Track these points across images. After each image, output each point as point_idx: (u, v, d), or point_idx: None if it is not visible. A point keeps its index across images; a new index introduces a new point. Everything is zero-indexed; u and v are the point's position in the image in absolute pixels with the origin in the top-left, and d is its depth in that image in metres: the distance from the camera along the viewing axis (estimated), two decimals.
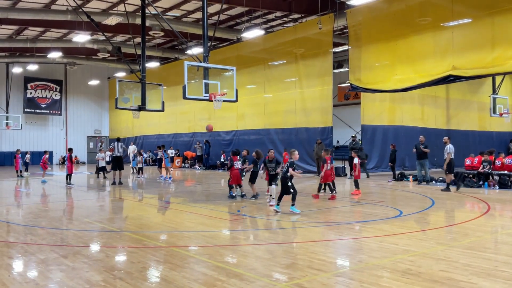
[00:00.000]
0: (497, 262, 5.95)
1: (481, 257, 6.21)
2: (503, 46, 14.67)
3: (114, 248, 7.04)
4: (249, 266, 5.90)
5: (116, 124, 39.49)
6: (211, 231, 8.49)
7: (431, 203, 11.97)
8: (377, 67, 19.10)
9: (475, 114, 26.00)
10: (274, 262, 6.07)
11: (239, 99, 15.63)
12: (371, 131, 22.12)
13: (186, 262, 6.15)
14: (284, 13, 23.53)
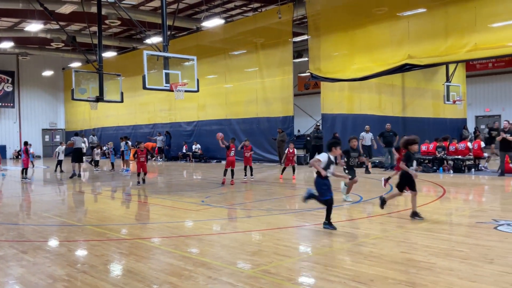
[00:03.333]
0: (453, 243, 6.24)
1: (439, 238, 6.48)
2: (456, 36, 15.21)
3: (76, 242, 6.88)
4: (216, 255, 5.92)
5: (72, 116, 38.33)
6: (175, 222, 8.44)
7: (390, 188, 12.34)
8: (336, 57, 19.40)
9: (430, 102, 26.87)
10: (240, 250, 6.12)
11: (200, 89, 15.52)
12: (331, 120, 22.50)
13: (152, 253, 6.10)
14: (243, 2, 23.44)
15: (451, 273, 4.90)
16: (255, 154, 23.67)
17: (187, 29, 26.48)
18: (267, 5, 22.78)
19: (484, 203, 10.25)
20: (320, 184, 7.21)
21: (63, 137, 36.60)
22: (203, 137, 26.57)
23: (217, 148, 25.51)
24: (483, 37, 14.65)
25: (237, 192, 12.53)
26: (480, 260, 5.34)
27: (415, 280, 4.71)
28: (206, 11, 23.16)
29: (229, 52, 24.89)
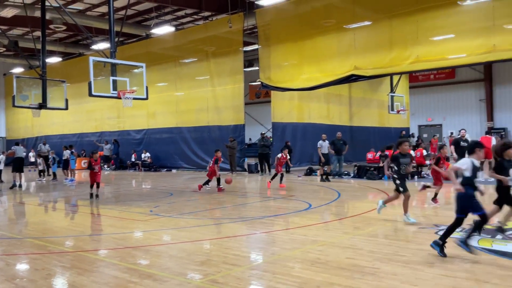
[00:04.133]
0: (397, 248, 6.44)
1: (383, 244, 6.68)
2: (399, 48, 15.86)
3: (15, 256, 6.53)
4: (163, 266, 5.80)
5: (13, 124, 36.53)
6: (121, 233, 8.21)
7: (337, 195, 12.63)
8: (286, 66, 19.70)
9: (375, 111, 27.82)
10: (188, 260, 6.03)
11: (150, 97, 15.27)
12: (281, 128, 22.77)
13: (95, 266, 5.90)
14: (194, 11, 23.37)
15: (394, 277, 5.06)
16: (206, 162, 23.56)
17: (137, 36, 26.04)
18: (218, 14, 22.83)
19: (426, 209, 10.67)
20: (467, 198, 5.79)
21: (4, 146, 34.80)
22: (153, 145, 26.11)
23: (168, 156, 25.32)
24: (425, 50, 15.37)
25: (187, 201, 12.38)
26: (421, 264, 5.54)
27: (360, 285, 4.82)
28: (156, 18, 22.89)
29: (180, 60, 24.68)
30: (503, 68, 29.91)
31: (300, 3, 18.52)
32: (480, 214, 5.75)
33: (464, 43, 14.71)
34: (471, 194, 5.79)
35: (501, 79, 30.27)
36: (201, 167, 23.50)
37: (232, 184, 16.00)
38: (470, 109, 31.40)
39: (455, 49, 14.98)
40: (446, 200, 12.11)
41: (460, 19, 15.02)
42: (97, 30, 23.49)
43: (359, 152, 23.63)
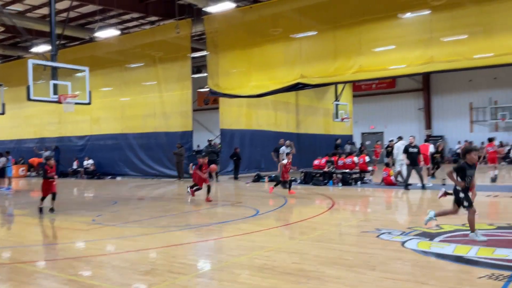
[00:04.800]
0: (341, 252, 6.60)
1: (328, 248, 6.82)
2: (343, 58, 16.34)
3: None
4: (105, 276, 5.62)
5: None
6: (62, 243, 7.88)
7: (284, 201, 12.78)
8: (234, 73, 19.77)
9: (321, 119, 28.47)
10: (132, 270, 5.88)
11: (94, 102, 14.83)
12: (229, 135, 22.77)
13: (33, 278, 5.61)
14: (140, 15, 22.97)
15: (338, 280, 5.18)
16: (152, 169, 23.14)
17: (80, 39, 25.22)
18: (165, 19, 22.57)
19: (368, 213, 11.02)
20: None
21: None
22: (97, 152, 25.29)
23: (112, 163, 24.59)
24: (367, 60, 15.92)
25: (131, 209, 12.08)
26: (364, 267, 5.71)
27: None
28: (100, 21, 22.29)
29: (126, 64, 24.15)
30: (440, 79, 31.59)
31: (247, 11, 18.69)
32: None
33: (404, 54, 15.38)
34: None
35: (438, 89, 31.94)
36: (148, 174, 23.04)
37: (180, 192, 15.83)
38: (409, 118, 32.87)
39: (396, 60, 15.63)
40: (387, 205, 12.58)
41: (400, 31, 15.71)
42: (37, 33, 22.53)
43: (305, 158, 24.05)
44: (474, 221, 6.99)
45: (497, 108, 29.35)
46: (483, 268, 5.46)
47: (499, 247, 6.49)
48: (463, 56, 14.05)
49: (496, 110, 29.34)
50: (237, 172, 21.09)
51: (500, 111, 29.19)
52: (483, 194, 12.88)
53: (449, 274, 5.37)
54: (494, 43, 13.52)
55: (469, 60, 14.09)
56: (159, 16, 22.60)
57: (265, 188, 17.00)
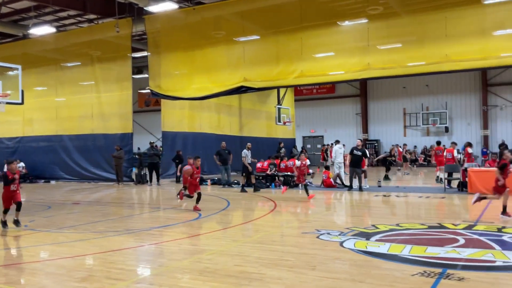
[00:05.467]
0: (282, 253, 6.68)
1: (270, 250, 6.89)
2: (285, 62, 16.62)
3: None
4: (39, 284, 5.34)
5: None
6: None
7: (227, 204, 12.77)
8: (177, 75, 19.53)
9: (264, 122, 28.75)
10: (68, 277, 5.63)
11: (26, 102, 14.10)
12: (171, 138, 22.44)
13: None
14: (78, 12, 22.10)
15: (279, 281, 5.24)
16: (90, 173, 22.31)
17: (13, 36, 23.87)
18: (105, 17, 21.86)
19: (309, 215, 11.26)
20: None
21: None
22: (29, 154, 24.01)
23: (46, 166, 23.44)
24: (308, 65, 16.30)
25: (67, 214, 11.57)
26: (304, 267, 5.82)
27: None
28: (35, 18, 21.23)
29: (62, 63, 23.16)
30: (376, 85, 32.95)
31: (190, 12, 18.52)
32: None
33: (343, 61, 15.90)
34: None
35: (375, 95, 33.29)
36: (85, 178, 22.19)
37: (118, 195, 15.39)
38: (348, 122, 34.00)
39: (335, 66, 16.12)
40: (326, 207, 12.92)
41: (339, 38, 16.23)
42: None
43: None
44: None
45: (428, 114, 31.04)
46: (416, 266, 5.73)
47: (431, 245, 6.84)
48: (398, 64, 14.74)
49: (428, 115, 31.03)
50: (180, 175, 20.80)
51: (431, 116, 30.90)
52: (416, 195, 13.56)
53: (384, 272, 5.59)
54: (426, 52, 14.30)
55: (403, 68, 14.82)
56: (98, 14, 21.86)
57: (208, 191, 16.88)
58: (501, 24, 13.60)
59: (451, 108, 30.59)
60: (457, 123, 30.65)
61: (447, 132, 30.62)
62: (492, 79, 29.38)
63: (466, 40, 13.81)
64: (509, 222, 8.65)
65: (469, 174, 13.77)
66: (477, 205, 11.38)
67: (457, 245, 6.87)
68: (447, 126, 30.46)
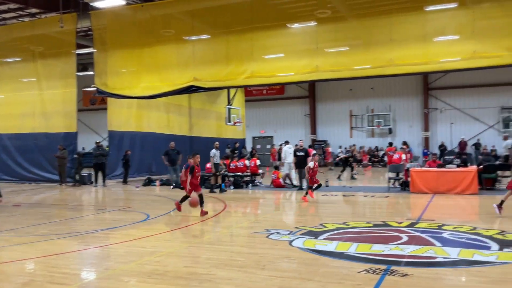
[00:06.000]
0: (232, 253, 6.68)
1: (220, 250, 6.87)
2: (236, 63, 16.61)
3: None
4: None
5: None
6: None
7: None
8: (124, 73, 19.04)
9: (214, 123, 28.63)
10: (8, 282, 5.35)
11: None
12: (118, 137, 21.86)
13: None
14: (19, 6, 21.05)
15: (230, 282, 5.24)
16: (31, 173, 21.30)
17: None
18: (48, 12, 20.94)
19: (259, 215, 11.33)
20: None
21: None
22: None
23: None
24: (258, 66, 16.39)
25: (6, 217, 10.97)
26: (254, 267, 5.84)
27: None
28: None
29: (1, 58, 21.98)
30: (324, 87, 33.69)
31: (138, 9, 18.11)
32: None
33: (292, 63, 16.12)
34: None
35: (323, 96, 34.02)
36: (26, 178, 21.16)
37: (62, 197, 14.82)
38: (297, 123, 34.53)
39: (284, 68, 16.32)
40: (276, 207, 13.06)
41: (289, 40, 16.45)
42: None
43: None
44: None
45: (373, 116, 32.12)
46: (362, 263, 5.90)
47: (376, 243, 7.07)
48: (345, 67, 15.13)
49: (373, 117, 32.11)
50: (126, 175, 20.33)
51: (376, 118, 32.00)
52: (361, 194, 13.98)
53: (332, 270, 5.72)
54: (372, 56, 14.78)
55: (350, 71, 15.23)
56: (41, 8, 20.91)
57: (156, 192, 16.60)
58: (442, 31, 14.29)
59: (395, 111, 31.79)
60: (400, 125, 31.90)
61: (390, 134, 31.79)
62: (433, 83, 30.82)
63: (409, 45, 14.38)
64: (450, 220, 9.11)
65: (411, 174, 14.37)
66: (418, 204, 11.93)
67: (400, 242, 7.15)
68: (391, 128, 31.63)
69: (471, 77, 28.94)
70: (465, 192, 13.29)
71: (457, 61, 13.82)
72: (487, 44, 13.26)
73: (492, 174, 14.59)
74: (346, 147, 32.24)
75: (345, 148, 32.18)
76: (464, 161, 15.07)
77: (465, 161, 15.20)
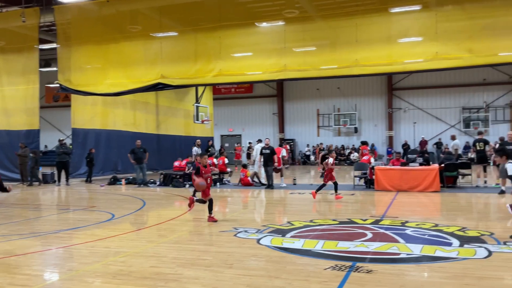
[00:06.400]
0: (199, 252, 6.65)
1: (186, 249, 6.82)
2: (204, 60, 16.51)
3: None
4: None
5: None
6: None
7: (143, 204, 12.44)
8: (89, 69, 18.61)
9: (181, 120, 28.38)
10: None
11: None
12: (82, 135, 21.36)
13: None
14: None
15: (196, 281, 5.21)
16: None
17: None
18: (9, 6, 20.23)
19: (227, 213, 11.30)
20: None
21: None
22: None
23: None
24: (227, 64, 16.34)
25: None
26: (221, 266, 5.83)
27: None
28: None
29: None
30: (292, 86, 33.95)
31: (104, 5, 17.69)
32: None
33: (261, 62, 16.16)
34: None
35: (291, 96, 34.29)
36: None
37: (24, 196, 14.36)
38: (265, 122, 34.68)
39: (253, 66, 16.34)
40: (244, 205, 13.07)
41: (257, 39, 16.47)
42: None
43: (165, 160, 23.74)
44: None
45: (339, 115, 32.61)
46: (328, 260, 5.98)
47: (341, 240, 7.19)
48: (312, 66, 15.30)
49: (339, 116, 32.60)
50: (90, 174, 19.90)
51: (342, 117, 32.52)
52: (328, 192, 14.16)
53: (299, 267, 5.77)
54: (338, 56, 15.01)
55: (317, 70, 15.41)
56: (2, 2, 20.19)
57: (122, 191, 16.32)
58: (406, 32, 14.64)
59: (360, 110, 32.38)
60: (365, 124, 32.51)
61: (356, 133, 32.38)
62: (397, 84, 31.56)
63: (374, 46, 14.66)
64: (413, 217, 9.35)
65: (376, 172, 14.67)
66: (383, 201, 12.19)
67: (365, 239, 7.29)
68: (357, 127, 32.21)
69: (433, 78, 29.83)
70: (428, 190, 13.68)
71: (420, 62, 14.19)
72: (449, 46, 13.67)
73: (453, 172, 15.07)
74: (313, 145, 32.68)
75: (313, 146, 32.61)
76: (426, 160, 15.49)
77: (427, 160, 15.61)
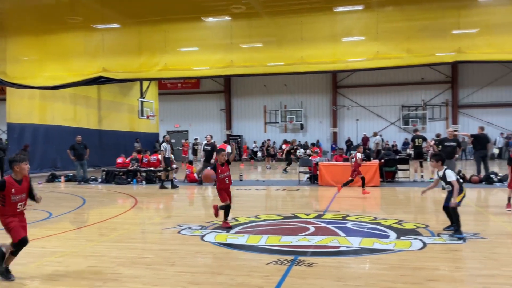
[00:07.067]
0: (142, 250, 6.49)
1: (128, 248, 6.64)
2: (148, 54, 16.14)
3: None
4: None
5: None
6: None
7: (83, 202, 12.01)
8: (25, 61, 17.69)
9: (125, 116, 27.65)
10: None
11: None
12: (19, 130, 20.31)
13: None
14: None
15: (136, 280, 5.08)
16: None
17: None
18: None
19: (171, 210, 11.14)
20: None
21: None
22: None
23: None
24: (173, 59, 16.06)
25: None
26: (163, 264, 5.73)
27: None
28: None
29: None
30: (239, 82, 33.97)
31: None
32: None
33: (207, 57, 16.02)
34: None
35: (238, 92, 34.29)
36: None
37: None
38: (212, 118, 34.51)
39: (200, 61, 16.17)
40: (189, 202, 12.94)
41: (204, 34, 16.30)
42: None
43: (108, 156, 23.03)
44: None
45: (286, 112, 33.02)
46: (271, 255, 6.03)
47: (285, 234, 7.27)
48: (259, 63, 15.37)
49: (286, 113, 33.00)
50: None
51: (289, 114, 32.94)
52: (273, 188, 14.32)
53: (242, 263, 5.78)
54: (284, 53, 15.15)
55: (264, 67, 15.50)
56: None
57: (61, 189, 15.68)
58: (349, 31, 15.02)
59: (306, 107, 32.95)
60: (311, 121, 33.13)
61: (302, 129, 32.92)
62: (341, 82, 32.38)
63: (319, 45, 14.94)
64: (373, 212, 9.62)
65: (320, 167, 14.98)
66: (326, 196, 12.47)
67: (307, 233, 7.42)
68: (302, 124, 32.76)
69: (375, 77, 30.88)
70: (368, 185, 14.11)
71: (362, 61, 14.62)
72: (389, 46, 14.18)
73: (392, 167, 15.68)
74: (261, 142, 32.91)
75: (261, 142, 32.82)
76: (367, 156, 16.00)
77: (368, 156, 16.14)
